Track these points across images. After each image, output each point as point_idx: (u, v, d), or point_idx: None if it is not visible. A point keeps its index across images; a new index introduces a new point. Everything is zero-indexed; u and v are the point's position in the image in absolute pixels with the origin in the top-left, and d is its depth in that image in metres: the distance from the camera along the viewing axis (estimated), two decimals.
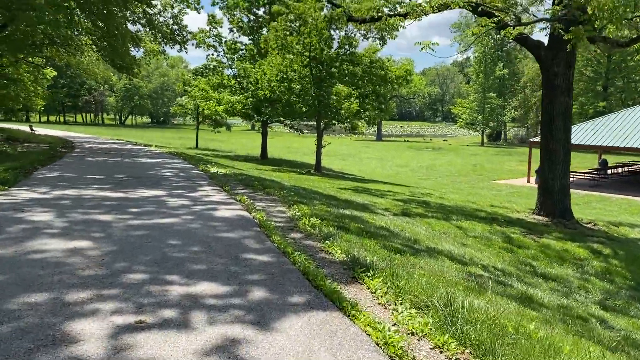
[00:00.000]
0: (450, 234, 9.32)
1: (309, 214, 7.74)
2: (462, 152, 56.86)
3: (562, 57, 11.48)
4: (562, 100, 11.65)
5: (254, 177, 12.70)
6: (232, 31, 30.44)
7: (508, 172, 37.37)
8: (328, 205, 9.44)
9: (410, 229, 8.77)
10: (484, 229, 10.18)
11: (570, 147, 12.00)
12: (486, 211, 12.87)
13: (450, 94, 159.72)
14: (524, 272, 7.57)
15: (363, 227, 7.58)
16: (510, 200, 21.59)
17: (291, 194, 9.89)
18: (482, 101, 71.63)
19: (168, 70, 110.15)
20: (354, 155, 45.56)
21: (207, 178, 11.95)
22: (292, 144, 58.02)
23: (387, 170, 36.40)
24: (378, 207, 11.20)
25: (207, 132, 46.65)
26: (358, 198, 12.44)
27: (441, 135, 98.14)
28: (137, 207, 7.70)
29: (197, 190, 9.78)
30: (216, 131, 36.86)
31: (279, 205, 8.75)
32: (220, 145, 46.72)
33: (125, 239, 5.64)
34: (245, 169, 17.51)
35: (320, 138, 23.18)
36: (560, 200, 11.97)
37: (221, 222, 6.80)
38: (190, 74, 35.38)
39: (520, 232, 10.43)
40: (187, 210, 7.54)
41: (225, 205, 8.13)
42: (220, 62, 31.16)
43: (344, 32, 22.10)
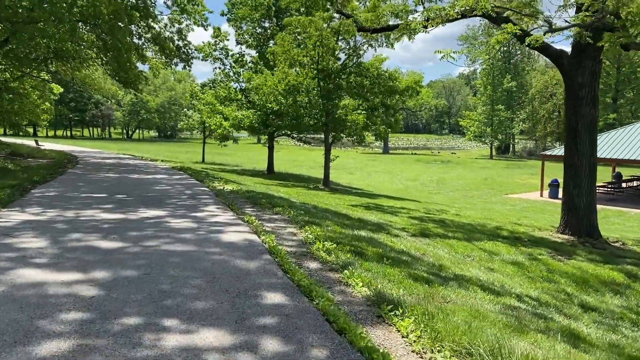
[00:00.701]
0: (474, 257, 8.64)
1: (323, 237, 7.11)
2: (472, 165, 56.11)
3: (587, 67, 10.86)
4: (588, 112, 11.01)
5: (261, 194, 12.08)
6: (240, 43, 30.07)
7: (520, 186, 36.59)
8: (341, 226, 8.81)
9: (433, 252, 8.11)
10: (509, 251, 9.50)
11: (596, 162, 11.34)
12: (507, 229, 12.18)
13: (457, 107, 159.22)
14: (560, 300, 6.88)
15: (382, 252, 6.94)
16: (526, 216, 20.86)
17: (301, 213, 9.27)
18: (490, 114, 70.99)
19: (175, 84, 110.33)
20: (361, 169, 44.93)
21: (213, 195, 11.35)
22: (298, 157, 57.52)
23: (397, 184, 35.72)
24: (394, 227, 10.54)
25: (214, 145, 46.20)
26: (371, 216, 11.79)
27: (449, 148, 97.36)
28: (137, 230, 7.09)
29: (202, 209, 9.17)
30: (223, 145, 36.42)
31: (289, 226, 8.13)
32: (227, 159, 46.26)
33: (121, 271, 5.02)
34: (252, 185, 16.91)
35: (329, 152, 22.59)
36: (586, 217, 11.27)
37: (227, 248, 6.17)
38: (198, 87, 34.99)
39: (547, 254, 9.73)
40: (190, 233, 6.92)
41: (232, 226, 7.51)
42: (227, 74, 30.76)
43: (352, 41, 21.63)
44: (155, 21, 22.84)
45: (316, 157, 52.20)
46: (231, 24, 29.92)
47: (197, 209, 9.13)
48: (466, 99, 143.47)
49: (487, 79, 73.37)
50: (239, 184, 15.74)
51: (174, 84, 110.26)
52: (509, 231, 11.82)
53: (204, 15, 23.15)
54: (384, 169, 47.16)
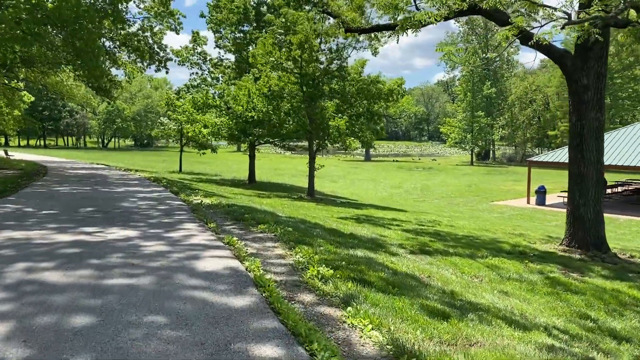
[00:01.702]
0: (483, 277, 7.76)
1: (316, 260, 6.16)
2: (453, 171, 55.75)
3: (593, 67, 10.14)
4: (594, 117, 10.28)
5: (243, 208, 11.07)
6: (219, 47, 29.03)
7: (505, 193, 36.10)
8: (335, 244, 7.86)
9: (438, 274, 7.20)
10: (517, 269, 8.64)
11: (603, 170, 10.60)
12: (509, 243, 11.35)
13: (435, 114, 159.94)
14: (588, 329, 6.02)
15: (385, 277, 6.00)
16: (518, 225, 20.18)
17: (289, 230, 8.30)
18: (470, 120, 70.90)
19: (152, 91, 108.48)
20: (344, 177, 44.10)
21: (189, 211, 10.30)
22: (279, 165, 56.50)
23: (381, 192, 34.93)
24: (390, 243, 9.62)
25: (192, 154, 44.93)
26: (364, 230, 10.86)
27: (429, 155, 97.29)
28: (100, 256, 6.03)
29: (177, 228, 8.12)
30: (201, 153, 35.25)
31: (277, 246, 7.15)
32: (205, 168, 45.01)
33: (69, 317, 3.98)
34: (232, 197, 15.86)
35: (313, 160, 21.64)
36: (594, 229, 10.50)
37: (205, 279, 5.15)
38: (174, 95, 33.80)
39: (558, 270, 8.90)
40: (162, 260, 5.89)
41: (211, 250, 6.49)
42: (205, 79, 29.66)
43: (334, 45, 20.81)
44: (127, 25, 21.68)
45: (298, 165, 51.26)
46: (210, 27, 28.86)
47: (171, 228, 8.08)
48: (444, 105, 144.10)
49: (467, 86, 73.35)
50: (218, 196, 14.68)
51: (150, 92, 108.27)
52: (511, 245, 10.99)
53: (178, 19, 22.07)
54: (367, 176, 46.40)
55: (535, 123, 75.54)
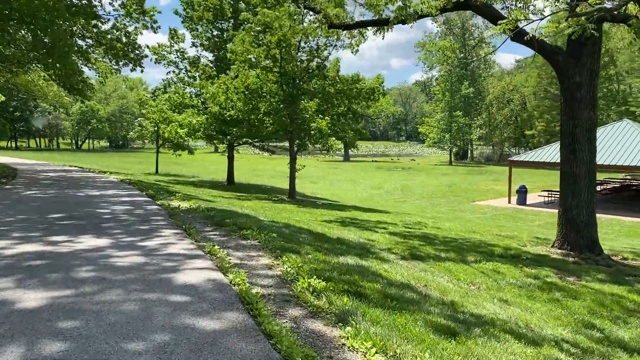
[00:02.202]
0: (479, 284, 7.37)
1: (306, 271, 5.68)
2: (433, 171, 55.81)
3: (586, 64, 9.87)
4: (587, 116, 10.01)
5: (224, 212, 10.53)
6: (195, 46, 28.31)
7: (485, 192, 36.09)
8: (323, 251, 7.39)
9: (434, 282, 6.79)
10: (513, 274, 8.30)
11: (595, 169, 10.35)
12: (499, 245, 11.03)
13: (413, 114, 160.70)
14: (597, 341, 5.66)
15: (382, 289, 5.57)
16: (502, 226, 20.00)
17: (274, 237, 7.80)
18: (449, 120, 71.15)
19: (127, 92, 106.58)
20: (324, 178, 43.67)
21: (167, 216, 9.71)
22: (258, 165, 55.82)
23: (362, 193, 34.59)
24: (378, 247, 9.20)
25: (168, 155, 43.94)
26: (350, 234, 10.42)
27: (407, 155, 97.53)
28: (67, 269, 5.46)
29: (154, 235, 7.55)
30: (177, 155, 34.39)
31: (262, 255, 6.65)
32: (182, 169, 44.13)
33: (30, 352, 3.43)
34: (212, 199, 15.28)
35: (294, 161, 21.14)
36: (586, 232, 10.24)
37: (185, 295, 4.63)
38: (148, 95, 32.90)
39: (554, 275, 8.59)
40: (137, 273, 5.34)
41: (191, 260, 5.96)
42: (182, 79, 28.89)
43: (314, 43, 20.32)
44: (100, 21, 20.87)
45: (277, 166, 50.67)
46: (186, 25, 28.11)
47: (147, 236, 7.51)
48: (422, 105, 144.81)
49: (445, 85, 73.61)
50: (197, 199, 14.09)
51: (125, 92, 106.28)
52: (502, 248, 10.67)
53: (153, 16, 21.31)
54: (346, 177, 46.07)
55: (512, 123, 76.25)
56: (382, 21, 11.70)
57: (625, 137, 27.70)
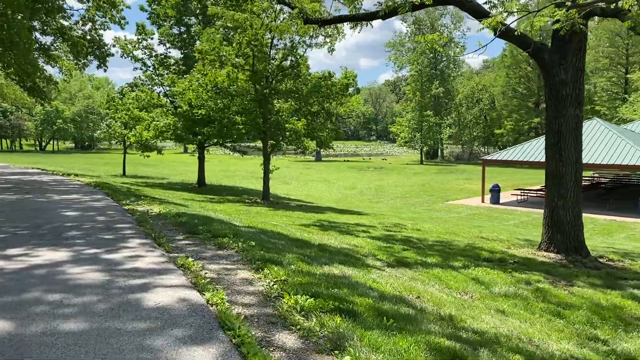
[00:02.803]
0: (472, 293, 6.96)
1: (291, 285, 5.15)
2: (405, 171, 55.85)
3: (571, 62, 9.60)
4: (572, 114, 9.75)
5: (196, 218, 9.89)
6: (163, 44, 27.40)
7: (458, 192, 36.10)
8: (306, 260, 6.87)
9: (427, 293, 6.34)
10: (505, 280, 7.92)
11: (582, 169, 10.10)
12: (484, 248, 10.68)
13: (383, 113, 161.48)
14: (604, 354, 5.31)
15: (374, 305, 5.08)
16: (480, 226, 19.83)
17: (252, 245, 7.23)
18: (419, 119, 71.39)
19: (93, 92, 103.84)
20: (297, 178, 43.11)
21: (135, 223, 9.02)
22: (229, 166, 54.85)
23: (336, 193, 34.17)
24: (362, 253, 8.72)
25: (137, 156, 42.72)
26: (331, 240, 9.92)
27: (378, 154, 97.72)
28: (14, 291, 4.79)
29: (121, 247, 6.89)
30: (145, 156, 33.31)
31: (241, 267, 6.08)
32: (151, 171, 42.98)
33: None
34: (183, 204, 14.57)
35: (268, 162, 20.53)
36: (573, 233, 9.98)
37: (157, 321, 4.04)
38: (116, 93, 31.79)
39: (545, 280, 8.25)
40: (99, 294, 4.71)
41: (162, 276, 5.35)
42: (151, 77, 27.91)
43: (287, 41, 19.75)
44: (63, 16, 19.85)
45: (249, 167, 49.90)
46: (152, 21, 27.18)
47: (113, 247, 6.84)
48: (392, 105, 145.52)
49: (416, 85, 73.86)
50: (167, 202, 13.36)
51: (91, 92, 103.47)
52: (487, 251, 10.32)
53: (122, 10, 20.40)
54: (319, 177, 45.62)
55: (481, 122, 77.02)
56: (357, 17, 11.24)
57: (595, 135, 27.97)
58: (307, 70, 20.07)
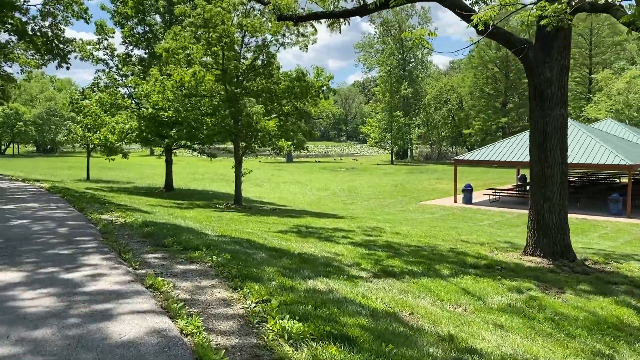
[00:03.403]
0: (466, 306, 6.54)
1: (275, 308, 4.60)
2: (376, 171, 55.75)
3: (556, 60, 9.32)
4: (558, 114, 9.47)
5: (165, 227, 9.22)
6: (126, 43, 26.38)
7: (430, 192, 36.05)
8: (287, 274, 6.34)
9: (420, 308, 5.87)
10: (494, 289, 7.54)
11: (567, 170, 9.83)
12: (468, 254, 10.32)
13: (352, 114, 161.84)
14: None
15: (368, 325, 4.59)
16: (455, 227, 19.61)
17: (227, 258, 6.65)
18: (389, 120, 71.55)
19: (55, 93, 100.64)
20: (269, 180, 42.43)
21: (98, 234, 8.30)
22: (197, 169, 53.71)
23: (309, 195, 33.66)
24: (345, 262, 8.22)
25: (101, 159, 41.33)
26: (311, 247, 9.39)
27: (349, 155, 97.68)
28: None
29: (82, 264, 6.21)
30: (110, 159, 32.13)
31: (216, 284, 5.50)
32: (117, 174, 41.66)
33: None
34: (150, 210, 13.82)
35: (240, 165, 19.85)
36: (559, 236, 9.71)
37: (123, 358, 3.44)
38: (78, 94, 30.54)
39: (536, 287, 7.91)
40: (55, 326, 4.06)
41: (129, 300, 4.72)
42: (113, 78, 26.85)
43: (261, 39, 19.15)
44: (21, 12, 18.78)
45: (218, 169, 48.93)
46: (115, 21, 26.14)
47: (73, 265, 6.15)
48: (361, 106, 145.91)
49: (385, 86, 74.01)
50: (133, 210, 12.60)
51: (53, 93, 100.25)
52: (472, 257, 9.96)
53: (83, 5, 19.39)
54: (291, 179, 45.04)
55: (449, 122, 77.64)
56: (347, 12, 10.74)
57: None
58: (279, 69, 19.50)
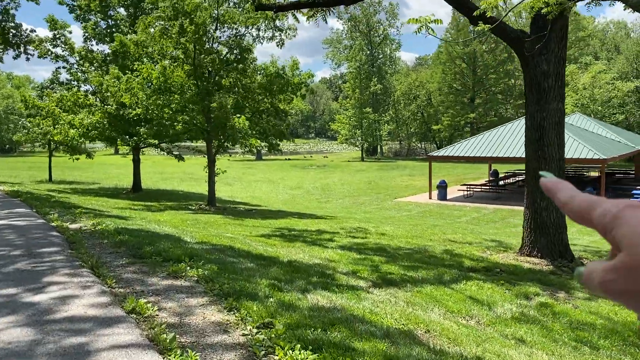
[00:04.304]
0: (477, 317, 6.02)
1: (280, 334, 3.96)
2: (348, 168, 55.34)
3: (553, 51, 8.90)
4: (555, 107, 9.06)
5: (140, 234, 8.42)
6: (88, 39, 25.10)
7: (404, 189, 35.77)
8: (282, 287, 5.71)
9: (434, 323, 5.31)
10: (501, 295, 7.06)
11: (564, 166, 9.46)
12: (463, 255, 9.83)
13: (320, 110, 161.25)
14: None
15: (387, 351, 3.98)
16: (435, 224, 19.23)
17: (214, 270, 5.97)
18: (359, 116, 71.25)
19: (13, 91, 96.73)
20: (240, 179, 41.49)
21: (65, 245, 7.46)
22: (165, 168, 52.19)
23: (282, 194, 32.94)
24: (340, 270, 7.62)
25: (64, 158, 39.61)
26: (300, 253, 8.75)
27: (318, 152, 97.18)
28: None
29: (48, 282, 5.41)
30: (74, 159, 30.62)
31: (206, 304, 4.81)
32: (81, 175, 40.04)
33: None
34: (120, 214, 12.92)
35: (213, 164, 19.00)
36: (558, 236, 9.32)
37: None
38: (34, 93, 29.00)
39: (542, 291, 7.47)
40: None
41: (107, 330, 4.00)
42: (75, 74, 25.51)
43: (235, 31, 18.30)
44: None
45: (186, 168, 47.58)
46: (76, 17, 24.84)
47: (37, 283, 5.35)
48: (329, 103, 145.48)
49: (355, 82, 73.64)
50: (102, 215, 11.68)
51: (11, 91, 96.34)
52: (468, 259, 9.49)
53: None
54: (262, 177, 44.19)
55: (419, 118, 77.87)
56: (319, 2, 10.09)
57: None
58: (253, 63, 18.74)
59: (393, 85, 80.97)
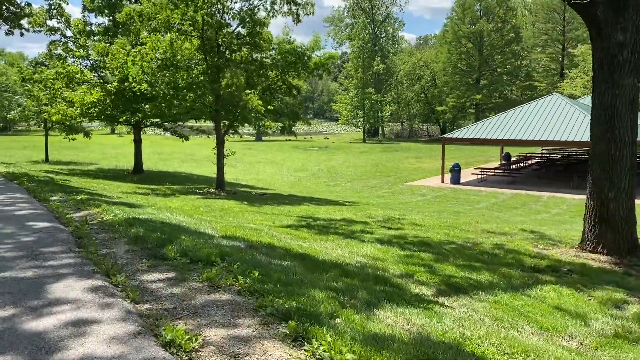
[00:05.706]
0: (577, 336, 4.97)
1: None
2: (350, 150, 54.17)
3: (631, 19, 7.76)
4: (630, 83, 7.95)
5: (155, 227, 7.29)
6: (88, 10, 23.69)
7: (414, 172, 34.72)
8: (341, 300, 4.61)
9: (542, 351, 4.24)
10: (587, 304, 6.02)
11: (636, 152, 8.36)
12: (519, 252, 8.74)
13: (319, 91, 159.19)
14: None
15: None
16: (457, 211, 18.20)
17: (255, 276, 4.85)
18: (361, 97, 69.82)
19: (6, 68, 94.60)
20: (241, 160, 40.27)
21: (72, 241, 6.32)
22: (164, 148, 50.84)
23: (287, 177, 31.84)
24: (394, 273, 6.54)
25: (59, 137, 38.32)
26: (338, 250, 7.67)
27: (317, 133, 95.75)
28: None
29: (54, 298, 4.28)
30: (71, 139, 29.36)
31: (258, 328, 3.73)
32: (78, 155, 38.75)
33: None
34: (126, 200, 11.79)
35: (222, 145, 17.83)
36: (627, 231, 8.26)
37: None
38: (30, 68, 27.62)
39: (627, 296, 6.42)
40: None
41: None
42: (70, 49, 24.12)
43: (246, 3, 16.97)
44: None
45: (185, 149, 46.29)
46: None
47: (39, 298, 4.23)
48: (327, 83, 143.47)
49: (358, 62, 71.98)
50: (107, 202, 10.52)
51: (4, 68, 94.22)
52: (526, 255, 8.41)
53: None
54: (264, 158, 43.04)
55: (422, 99, 76.49)
56: None
57: (557, 111, 27.10)
58: (269, 38, 17.44)
59: (396, 65, 79.32)
